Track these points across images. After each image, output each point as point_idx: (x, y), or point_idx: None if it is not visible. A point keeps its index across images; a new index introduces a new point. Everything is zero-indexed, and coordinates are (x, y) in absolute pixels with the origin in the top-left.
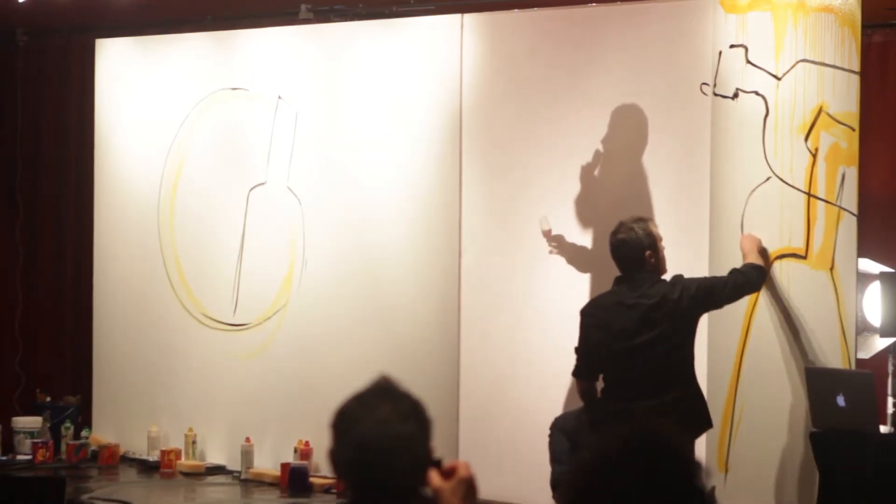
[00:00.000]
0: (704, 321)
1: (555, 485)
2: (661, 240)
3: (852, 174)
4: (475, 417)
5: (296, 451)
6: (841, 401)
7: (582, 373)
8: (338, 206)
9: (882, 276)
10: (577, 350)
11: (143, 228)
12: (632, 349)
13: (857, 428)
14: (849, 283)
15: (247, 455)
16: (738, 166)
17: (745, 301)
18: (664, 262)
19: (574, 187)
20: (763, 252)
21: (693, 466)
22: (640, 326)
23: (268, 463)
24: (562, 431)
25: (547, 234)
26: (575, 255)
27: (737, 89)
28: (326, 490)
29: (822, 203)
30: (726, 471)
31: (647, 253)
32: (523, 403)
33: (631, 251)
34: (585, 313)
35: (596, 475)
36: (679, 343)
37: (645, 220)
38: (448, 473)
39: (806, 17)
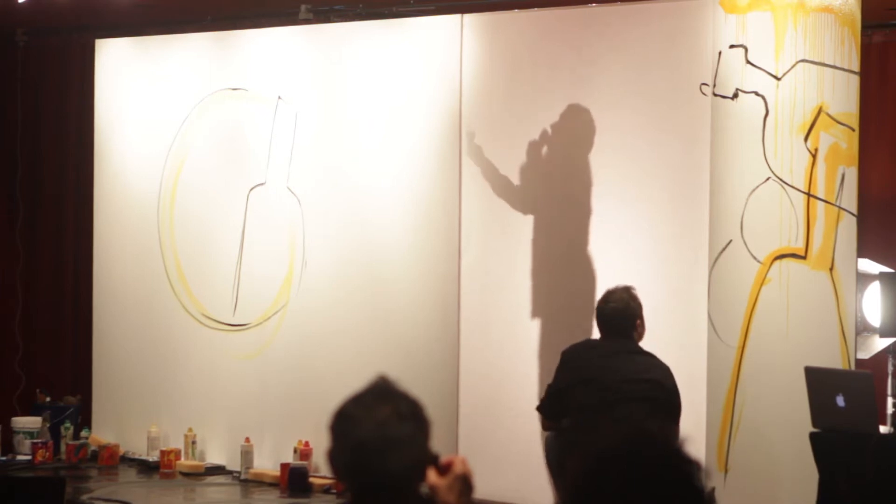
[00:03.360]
0: (704, 321)
1: None
2: (643, 307)
3: (852, 174)
4: (475, 417)
5: (295, 451)
6: (841, 401)
7: (545, 413)
8: (338, 207)
9: (882, 276)
10: (549, 388)
11: (143, 229)
12: (609, 401)
13: (856, 428)
14: (848, 284)
15: (246, 455)
16: (738, 166)
17: (745, 301)
18: (644, 327)
19: (572, 187)
20: None
21: (693, 466)
22: (623, 384)
23: (267, 463)
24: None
25: (470, 135)
26: (490, 173)
27: (736, 89)
28: (326, 490)
29: (822, 203)
30: (726, 471)
31: (638, 322)
32: (523, 403)
33: (624, 319)
34: (567, 356)
35: (595, 476)
36: (650, 416)
37: (629, 288)
38: (444, 469)
39: (806, 18)
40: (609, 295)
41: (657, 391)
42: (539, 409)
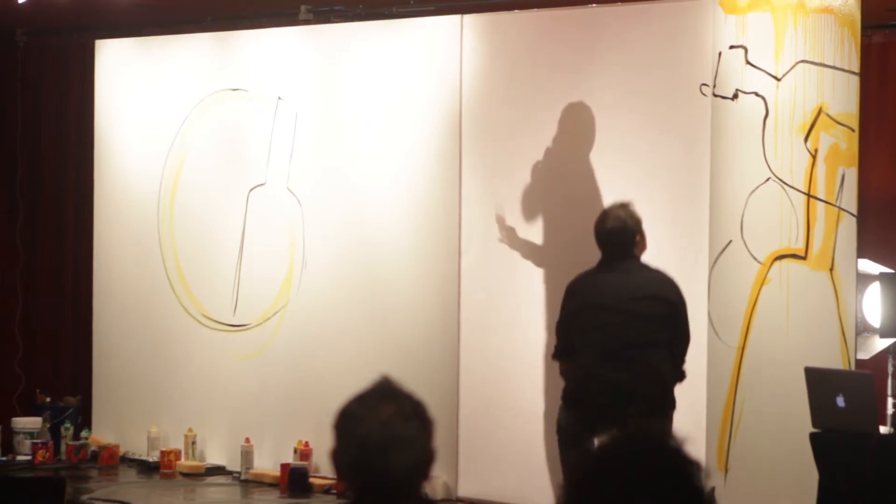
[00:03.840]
0: (704, 320)
1: None
2: (642, 221)
3: (852, 175)
4: (475, 417)
5: (295, 451)
6: (841, 401)
7: (560, 355)
8: (338, 207)
9: (882, 276)
10: (556, 330)
11: (143, 228)
12: (613, 321)
13: (856, 428)
14: (848, 284)
15: (246, 455)
16: (738, 167)
17: (745, 301)
18: (645, 241)
19: (573, 189)
20: None
21: (693, 466)
22: (626, 302)
23: (267, 463)
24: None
25: (500, 220)
26: (530, 253)
27: (736, 90)
28: (326, 490)
29: (822, 204)
30: (726, 471)
31: (637, 238)
32: (523, 403)
33: (622, 237)
34: (569, 288)
35: (595, 476)
36: (658, 334)
37: (626, 204)
38: None
39: (806, 18)
40: (605, 215)
41: (661, 307)
42: (554, 355)
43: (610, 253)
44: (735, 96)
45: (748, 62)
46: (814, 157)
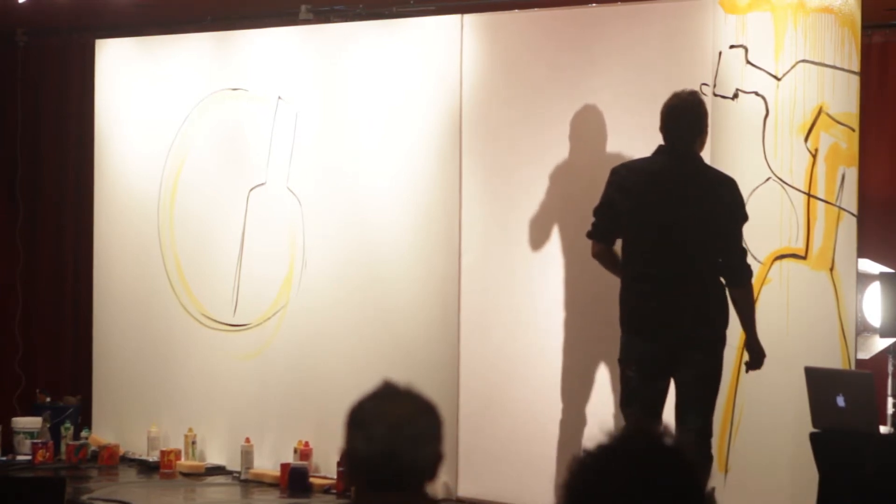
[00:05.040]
0: None
1: None
2: (708, 115)
3: (852, 174)
4: (475, 417)
5: (295, 451)
6: (841, 401)
7: (597, 235)
8: (338, 207)
9: (882, 276)
10: (596, 211)
11: (143, 229)
12: (662, 226)
13: (857, 428)
14: (849, 284)
15: (246, 455)
16: (738, 166)
17: None
18: (705, 138)
19: (574, 188)
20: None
21: (693, 467)
22: (678, 204)
23: (267, 463)
24: None
25: None
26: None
27: (737, 90)
28: (326, 490)
29: (822, 203)
30: (726, 471)
31: (702, 125)
32: (523, 403)
33: (689, 120)
34: (616, 174)
35: (593, 475)
36: (708, 237)
37: (695, 91)
38: None
39: (806, 18)
40: (671, 97)
41: (711, 217)
42: (590, 234)
43: (667, 141)
44: (735, 96)
45: (748, 62)
46: (814, 156)
